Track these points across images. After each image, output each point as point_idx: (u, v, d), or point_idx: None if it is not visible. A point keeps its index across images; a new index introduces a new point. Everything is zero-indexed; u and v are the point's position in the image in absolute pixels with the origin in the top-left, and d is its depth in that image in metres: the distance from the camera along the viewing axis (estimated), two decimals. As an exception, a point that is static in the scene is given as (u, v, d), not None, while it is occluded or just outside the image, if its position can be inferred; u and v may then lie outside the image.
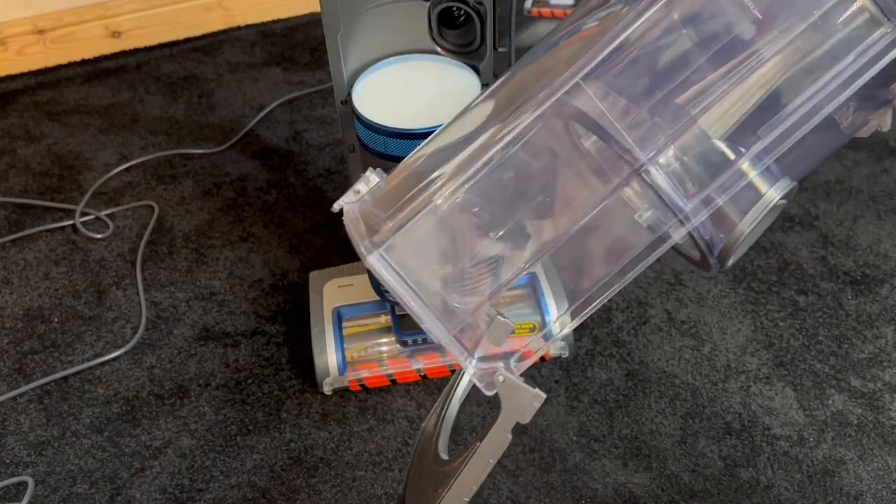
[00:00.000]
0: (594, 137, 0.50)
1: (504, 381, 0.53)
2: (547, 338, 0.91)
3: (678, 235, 0.50)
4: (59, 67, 1.67)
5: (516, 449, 0.99)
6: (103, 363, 1.11)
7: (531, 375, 1.06)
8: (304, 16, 1.80)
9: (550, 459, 0.98)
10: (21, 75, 1.65)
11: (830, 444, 0.98)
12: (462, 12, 0.88)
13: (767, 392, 1.04)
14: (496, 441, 0.55)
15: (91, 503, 0.96)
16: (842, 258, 1.21)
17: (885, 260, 1.20)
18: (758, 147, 0.48)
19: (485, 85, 0.89)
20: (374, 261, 0.52)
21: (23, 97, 1.60)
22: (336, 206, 0.56)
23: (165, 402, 1.06)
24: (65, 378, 1.09)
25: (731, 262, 0.52)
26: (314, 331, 1.03)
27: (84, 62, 1.68)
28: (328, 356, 1.02)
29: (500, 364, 0.53)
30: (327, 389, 1.04)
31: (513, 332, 0.54)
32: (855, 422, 1.00)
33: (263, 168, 1.41)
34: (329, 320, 1.04)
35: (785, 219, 1.27)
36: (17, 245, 1.29)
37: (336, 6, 0.82)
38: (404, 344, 1.05)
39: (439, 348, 1.05)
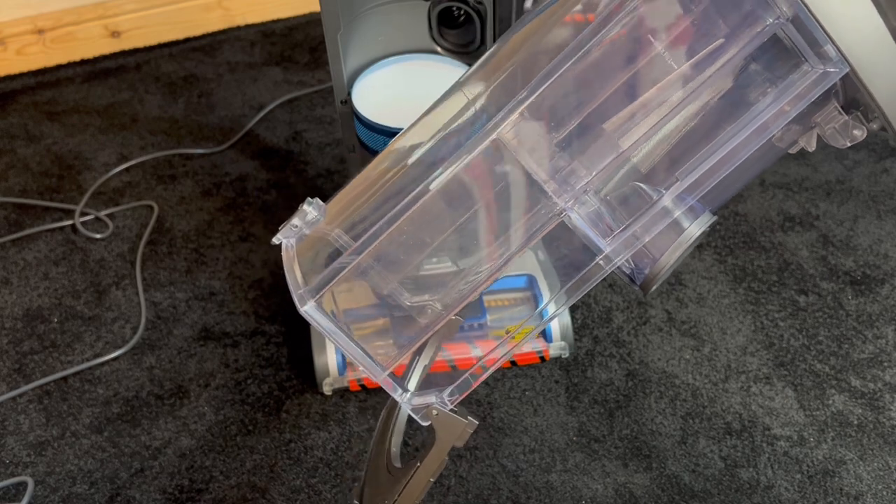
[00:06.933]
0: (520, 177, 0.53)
1: (437, 415, 0.58)
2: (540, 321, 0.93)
3: (604, 270, 0.53)
4: (58, 67, 1.67)
5: (516, 449, 0.99)
6: (103, 363, 1.10)
7: (532, 377, 1.06)
8: (304, 16, 1.80)
9: (550, 459, 0.98)
10: (21, 75, 1.65)
11: (830, 444, 0.98)
12: (462, 12, 0.88)
13: (767, 392, 1.04)
14: (434, 463, 0.60)
15: (91, 503, 0.96)
16: (842, 258, 1.21)
17: (886, 260, 1.20)
18: (677, 189, 0.50)
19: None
20: (308, 311, 0.56)
21: (22, 97, 1.60)
22: (275, 240, 0.58)
23: (165, 403, 1.06)
24: (64, 378, 1.09)
25: (653, 289, 0.55)
26: (314, 331, 1.03)
27: (84, 62, 1.68)
28: (328, 356, 1.02)
29: (434, 400, 0.58)
30: (327, 389, 1.04)
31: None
32: (855, 422, 1.00)
33: (263, 168, 1.41)
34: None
35: (785, 219, 1.27)
36: (17, 245, 1.29)
37: (336, 6, 0.82)
38: (402, 346, 1.05)
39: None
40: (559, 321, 1.05)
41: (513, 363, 1.07)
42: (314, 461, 0.99)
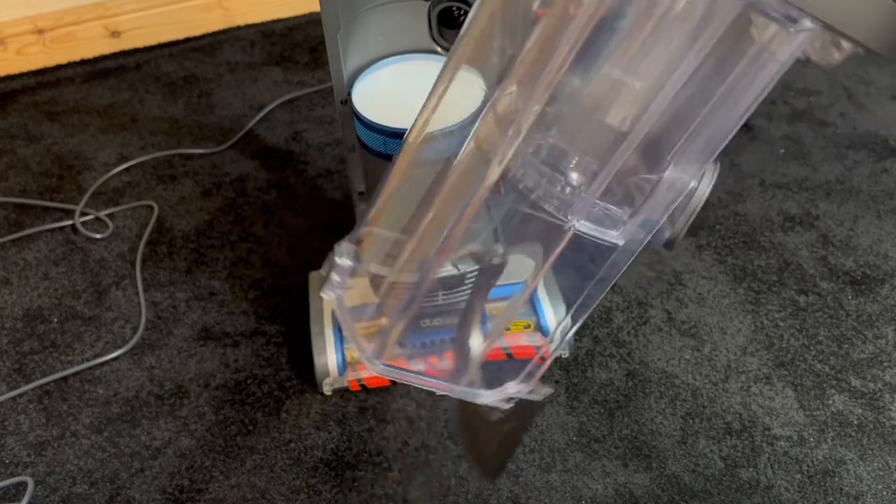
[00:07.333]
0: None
1: (516, 400, 0.61)
2: (547, 335, 0.94)
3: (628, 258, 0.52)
4: (58, 67, 1.67)
5: (516, 449, 0.99)
6: (103, 363, 1.11)
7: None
8: (304, 16, 1.80)
9: (550, 459, 0.98)
10: (21, 75, 1.65)
11: (830, 444, 0.98)
12: (462, 12, 0.88)
13: (767, 392, 1.04)
14: (523, 426, 0.66)
15: (91, 503, 0.96)
16: (842, 258, 1.21)
17: (886, 260, 1.20)
18: (677, 171, 0.49)
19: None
20: (382, 372, 0.58)
21: (22, 97, 1.60)
22: (324, 296, 0.59)
23: (165, 403, 1.06)
24: (64, 378, 1.09)
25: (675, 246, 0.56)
26: (314, 331, 1.03)
27: (84, 62, 1.68)
28: (328, 356, 1.02)
29: (512, 392, 0.60)
30: (327, 389, 1.04)
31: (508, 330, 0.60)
32: (855, 422, 1.00)
33: (263, 168, 1.41)
34: (329, 321, 1.04)
35: (785, 219, 1.27)
36: (17, 245, 1.29)
37: (336, 6, 0.82)
38: (402, 346, 1.04)
39: (438, 351, 1.05)
40: (559, 321, 1.05)
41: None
42: (314, 461, 0.99)
